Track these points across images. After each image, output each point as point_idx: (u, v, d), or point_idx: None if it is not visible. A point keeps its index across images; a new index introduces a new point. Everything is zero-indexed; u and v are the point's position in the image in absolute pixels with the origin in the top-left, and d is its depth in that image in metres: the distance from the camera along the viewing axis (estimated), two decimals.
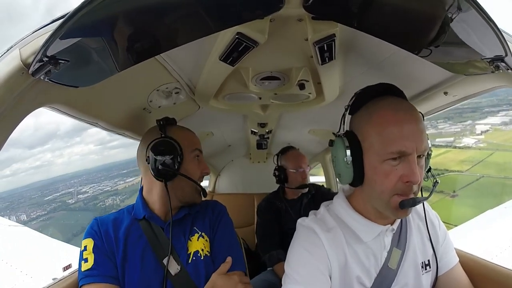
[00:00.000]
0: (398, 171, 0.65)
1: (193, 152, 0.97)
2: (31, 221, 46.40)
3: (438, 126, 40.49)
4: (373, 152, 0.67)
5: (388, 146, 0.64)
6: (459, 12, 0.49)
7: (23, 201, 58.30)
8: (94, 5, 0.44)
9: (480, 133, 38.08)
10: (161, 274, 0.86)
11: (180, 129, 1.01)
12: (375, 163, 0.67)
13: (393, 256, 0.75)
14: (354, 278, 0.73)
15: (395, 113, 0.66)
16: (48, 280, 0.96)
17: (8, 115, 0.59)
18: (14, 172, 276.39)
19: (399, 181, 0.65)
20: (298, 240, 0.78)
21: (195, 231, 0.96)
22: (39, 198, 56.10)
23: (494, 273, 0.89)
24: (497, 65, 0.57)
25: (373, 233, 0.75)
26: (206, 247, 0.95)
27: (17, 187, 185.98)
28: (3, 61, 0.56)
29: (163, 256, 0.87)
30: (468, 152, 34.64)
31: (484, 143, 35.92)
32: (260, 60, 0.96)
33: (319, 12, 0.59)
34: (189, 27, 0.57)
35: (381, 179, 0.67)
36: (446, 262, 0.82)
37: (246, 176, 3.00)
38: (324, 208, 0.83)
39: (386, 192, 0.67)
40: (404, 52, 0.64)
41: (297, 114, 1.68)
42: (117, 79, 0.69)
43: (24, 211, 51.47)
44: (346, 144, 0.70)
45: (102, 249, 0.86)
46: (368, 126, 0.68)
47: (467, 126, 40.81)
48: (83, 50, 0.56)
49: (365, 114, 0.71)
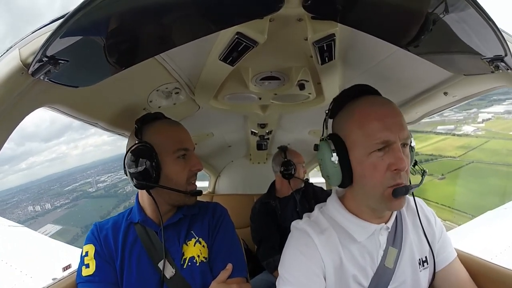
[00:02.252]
0: (384, 161, 0.67)
1: (176, 153, 0.89)
2: (55, 209, 48.75)
3: (443, 113, 40.69)
4: (358, 147, 0.69)
5: (372, 138, 0.67)
6: (458, 12, 0.49)
7: (43, 192, 59.63)
8: (94, 5, 0.44)
9: (481, 121, 38.73)
10: (157, 278, 0.85)
11: (160, 127, 0.92)
12: (361, 157, 0.69)
13: (390, 255, 0.76)
14: (350, 278, 0.73)
15: (375, 108, 0.69)
16: (48, 280, 0.95)
17: (8, 115, 0.59)
18: (30, 165, 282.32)
19: (387, 170, 0.67)
20: (292, 242, 0.78)
21: (192, 236, 0.93)
22: (58, 188, 57.24)
23: (493, 272, 0.89)
24: (497, 65, 0.57)
25: (366, 233, 0.75)
26: (202, 253, 0.92)
27: (33, 179, 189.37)
28: (3, 61, 0.56)
29: (158, 260, 0.87)
30: (465, 139, 36.12)
31: (483, 131, 37.16)
32: (260, 60, 0.96)
33: (318, 11, 0.59)
34: (188, 27, 0.57)
35: (370, 172, 0.68)
36: (444, 257, 0.82)
37: (246, 177, 3.00)
38: (318, 210, 0.84)
39: (378, 186, 0.68)
40: (403, 52, 0.64)
41: (297, 114, 1.68)
42: (117, 79, 0.69)
43: (47, 200, 53.08)
44: (331, 147, 0.72)
45: (103, 255, 0.87)
46: (350, 123, 0.71)
47: (471, 114, 41.32)
48: (83, 50, 0.56)
49: (345, 115, 0.74)
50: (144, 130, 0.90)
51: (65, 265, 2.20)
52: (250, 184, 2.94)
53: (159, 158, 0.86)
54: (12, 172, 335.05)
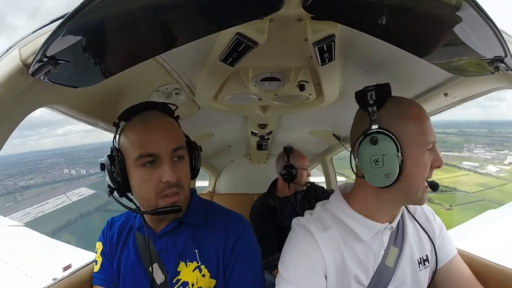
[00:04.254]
0: (430, 159, 0.70)
1: (138, 160, 0.72)
2: (90, 176, 50.53)
3: (474, 151, 43.56)
4: (414, 144, 0.68)
5: (428, 136, 0.69)
6: (458, 13, 0.48)
7: (78, 159, 61.07)
8: (93, 5, 0.44)
9: (508, 164, 40.01)
10: (147, 284, 0.81)
11: (128, 126, 0.77)
12: (417, 154, 0.68)
13: (391, 254, 0.76)
14: (351, 277, 0.72)
15: (422, 109, 0.73)
16: (48, 280, 0.95)
17: (8, 115, 0.59)
18: (67, 132, 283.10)
19: (431, 167, 0.70)
20: (292, 240, 0.77)
21: (194, 258, 0.79)
22: (92, 158, 58.16)
23: (494, 271, 0.89)
24: (497, 66, 0.57)
25: (372, 232, 0.75)
26: (199, 283, 0.78)
27: (68, 146, 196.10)
28: (3, 61, 0.56)
29: (149, 266, 0.81)
30: (486, 178, 37.57)
31: (506, 173, 38.32)
32: (260, 61, 0.96)
33: (318, 12, 0.59)
34: (188, 27, 0.57)
35: (422, 169, 0.69)
36: (444, 254, 0.83)
37: (246, 177, 3.00)
38: (320, 207, 0.82)
39: (423, 181, 0.70)
40: (403, 52, 0.64)
41: (297, 115, 1.67)
42: (117, 80, 0.69)
43: (82, 167, 54.58)
44: (396, 143, 0.67)
45: (107, 255, 0.89)
46: (406, 119, 0.69)
47: (501, 155, 42.84)
48: (83, 50, 0.56)
49: (397, 109, 0.71)
50: (121, 129, 0.78)
51: (65, 265, 2.20)
52: (250, 183, 2.94)
53: (126, 165, 0.75)
54: (48, 136, 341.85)
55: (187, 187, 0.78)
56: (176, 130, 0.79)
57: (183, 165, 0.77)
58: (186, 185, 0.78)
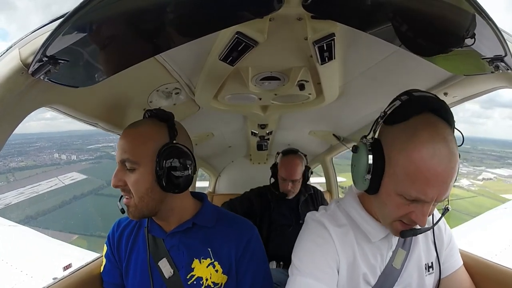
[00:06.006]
0: (409, 208, 0.64)
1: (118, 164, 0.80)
2: (80, 162, 50.92)
3: None
4: (394, 182, 0.63)
5: (410, 189, 0.61)
6: (458, 12, 0.48)
7: (66, 145, 60.26)
8: (93, 5, 0.44)
9: (481, 180, 41.93)
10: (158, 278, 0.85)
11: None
12: (391, 191, 0.64)
13: (398, 256, 0.76)
14: (361, 275, 0.73)
15: (435, 161, 0.58)
16: (48, 280, 0.95)
17: (8, 115, 0.59)
18: (54, 117, 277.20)
19: (407, 215, 0.64)
20: (307, 233, 0.78)
21: (207, 255, 0.85)
22: (81, 145, 58.01)
23: (494, 272, 0.89)
24: (497, 65, 0.56)
25: (381, 234, 0.75)
26: (212, 277, 0.84)
27: (56, 131, 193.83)
28: (2, 61, 0.56)
29: (157, 262, 0.85)
30: (458, 190, 38.74)
31: (477, 187, 40.86)
32: (259, 60, 0.96)
33: (318, 11, 0.59)
34: (188, 27, 0.57)
35: (391, 207, 0.66)
36: (450, 265, 0.82)
37: (246, 177, 3.00)
38: (335, 204, 0.83)
39: (392, 217, 0.67)
40: (403, 52, 0.64)
41: (297, 115, 1.67)
42: (117, 79, 0.69)
43: (72, 153, 54.48)
44: (375, 154, 0.65)
45: (112, 258, 0.93)
46: (401, 155, 0.61)
47: (477, 170, 44.53)
48: (83, 50, 0.56)
49: (400, 136, 0.63)
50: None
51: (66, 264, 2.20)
52: (250, 184, 2.92)
53: None
54: (36, 119, 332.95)
55: (137, 195, 0.77)
56: (132, 142, 0.78)
57: (133, 175, 0.77)
58: (136, 192, 0.77)
